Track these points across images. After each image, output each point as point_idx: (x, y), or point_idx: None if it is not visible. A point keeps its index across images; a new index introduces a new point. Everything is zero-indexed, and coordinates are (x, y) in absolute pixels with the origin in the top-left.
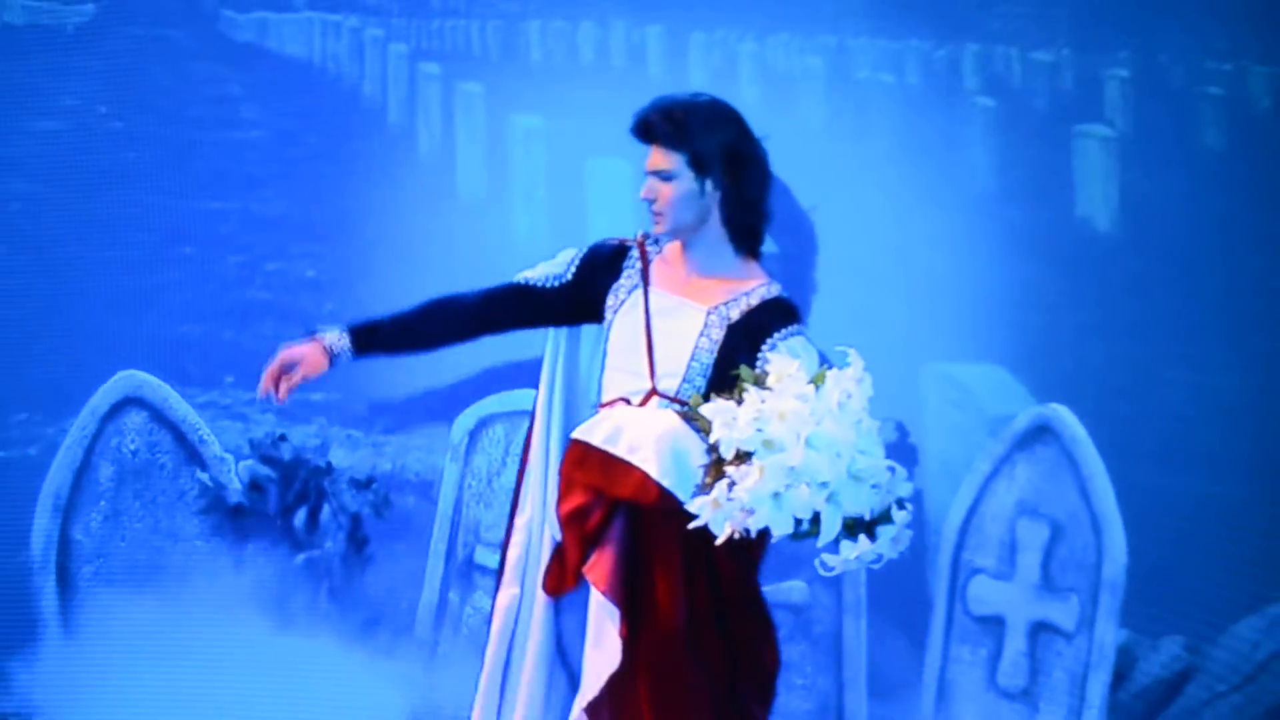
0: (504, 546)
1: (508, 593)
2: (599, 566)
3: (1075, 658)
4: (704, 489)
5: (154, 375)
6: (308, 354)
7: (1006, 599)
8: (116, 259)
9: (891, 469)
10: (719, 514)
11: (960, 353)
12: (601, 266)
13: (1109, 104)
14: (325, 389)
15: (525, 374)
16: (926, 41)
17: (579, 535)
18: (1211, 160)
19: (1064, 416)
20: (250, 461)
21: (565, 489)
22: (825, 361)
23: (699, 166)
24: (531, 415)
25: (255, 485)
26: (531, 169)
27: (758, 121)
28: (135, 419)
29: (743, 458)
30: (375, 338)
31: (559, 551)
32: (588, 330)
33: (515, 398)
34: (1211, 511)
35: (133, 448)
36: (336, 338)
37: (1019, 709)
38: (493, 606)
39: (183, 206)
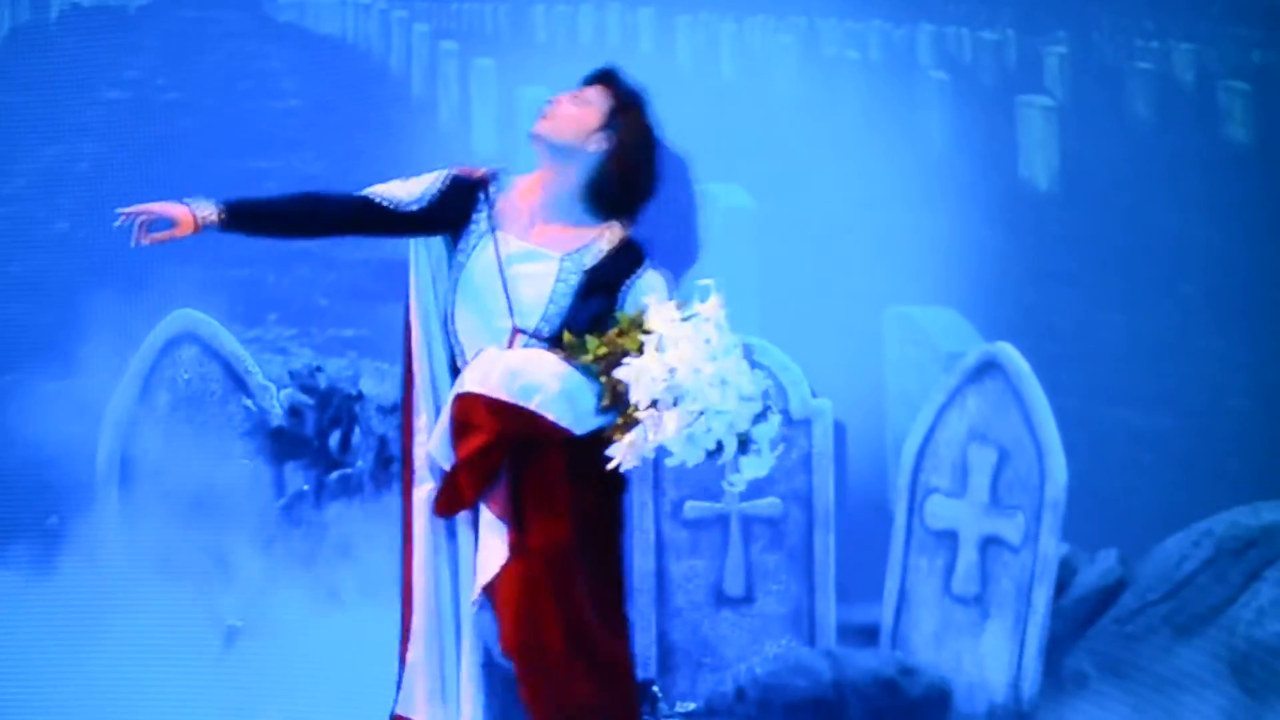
0: (404, 449)
1: (424, 488)
2: (498, 497)
3: (1021, 569)
4: (617, 432)
5: (205, 314)
6: (179, 217)
7: (959, 515)
8: None
9: (766, 392)
10: (637, 454)
11: (917, 296)
12: (457, 200)
13: (1049, 77)
14: (356, 326)
15: None
16: (887, 22)
17: (479, 472)
18: (1141, 126)
19: (1009, 354)
20: (290, 390)
21: (460, 431)
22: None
23: (607, 121)
24: (406, 322)
25: (294, 411)
26: None
27: (738, 92)
28: (188, 352)
29: (651, 404)
30: (242, 219)
31: (450, 478)
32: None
33: None
34: (1143, 440)
35: (186, 378)
36: (209, 210)
37: (971, 614)
38: (407, 505)
39: (231, 166)
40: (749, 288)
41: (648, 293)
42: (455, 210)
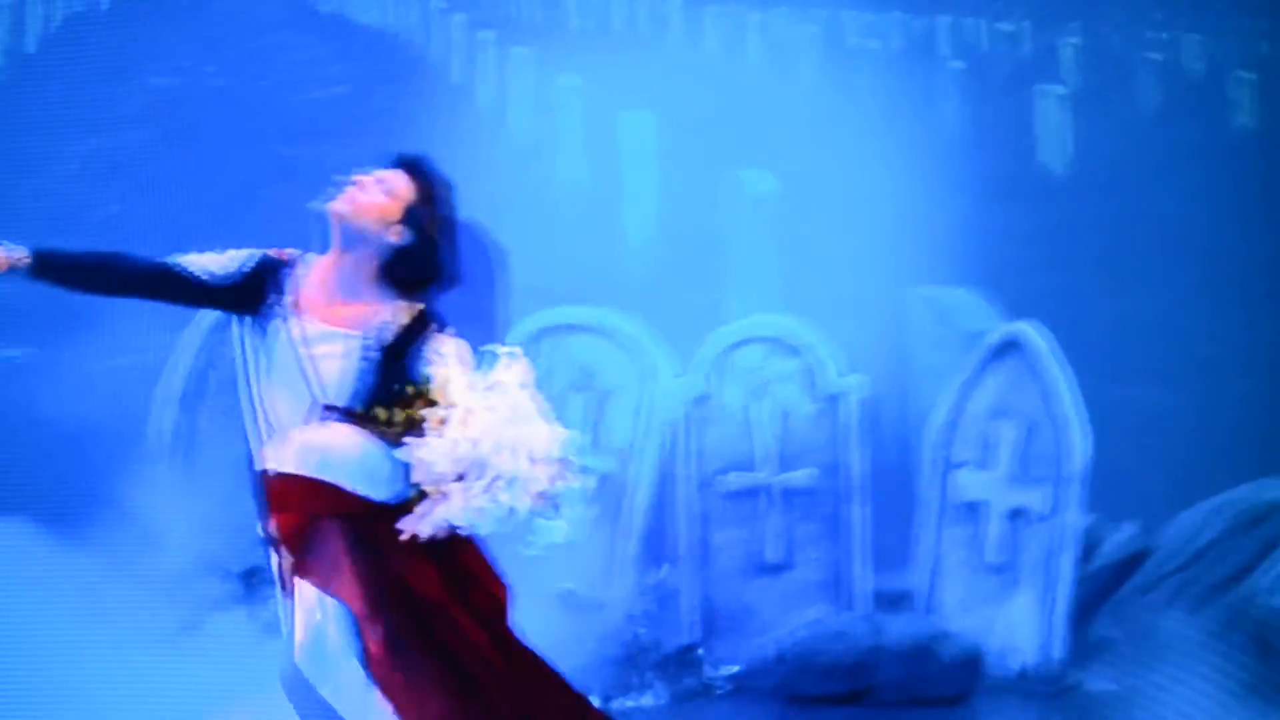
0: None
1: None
2: (339, 578)
3: (1048, 538)
4: (411, 506)
5: None
6: None
7: (987, 487)
8: (220, 194)
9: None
10: (428, 524)
11: (940, 278)
12: (262, 280)
13: (1063, 67)
14: None
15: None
16: (907, 14)
17: (296, 548)
18: (1151, 115)
19: (1030, 333)
20: None
21: (275, 509)
22: (477, 353)
23: (409, 214)
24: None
25: None
26: (570, 120)
27: (764, 80)
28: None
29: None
30: (49, 269)
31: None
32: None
33: (562, 313)
34: (1162, 416)
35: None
36: (20, 254)
37: (1001, 581)
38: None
39: (277, 151)
40: (778, 270)
41: (438, 356)
42: (259, 290)
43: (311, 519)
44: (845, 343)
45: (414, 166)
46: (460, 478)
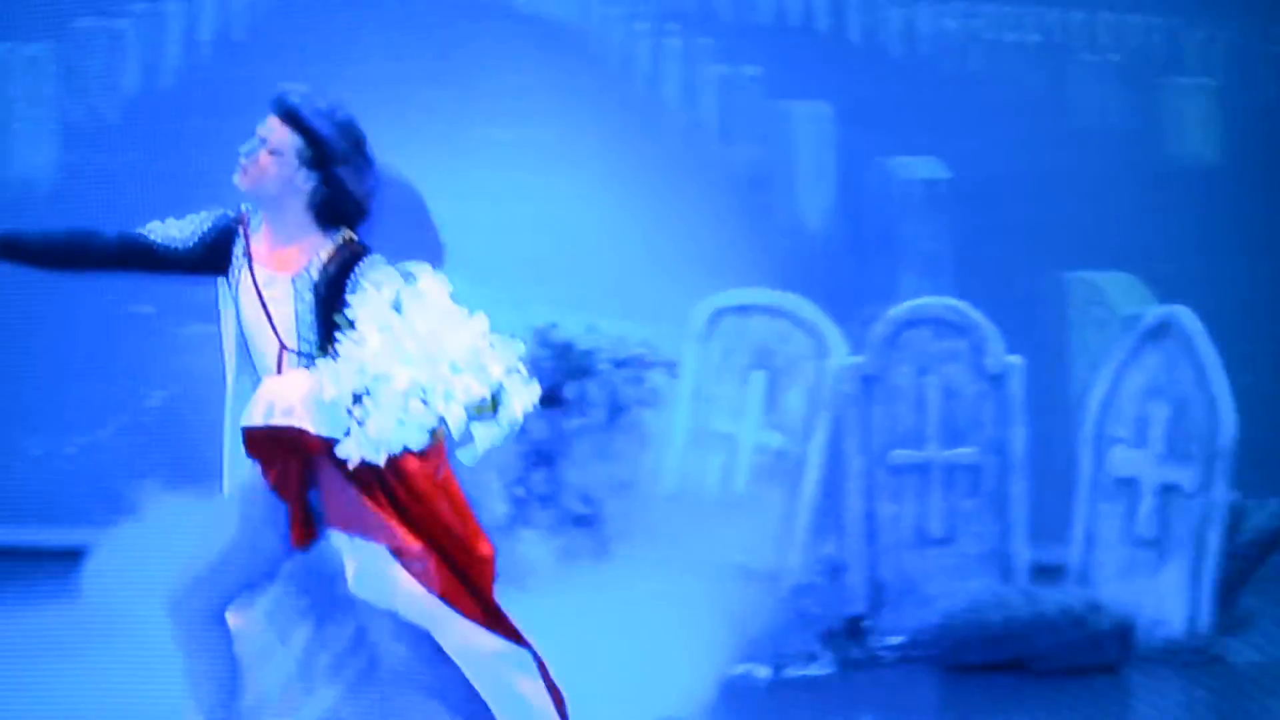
0: None
1: None
2: (349, 518)
3: (1196, 513)
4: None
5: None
6: None
7: (1139, 464)
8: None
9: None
10: (363, 449)
11: (1098, 262)
12: (222, 239)
13: (1205, 59)
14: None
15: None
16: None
17: (291, 496)
18: None
19: (1184, 315)
20: (528, 344)
21: (260, 463)
22: (407, 275)
23: (303, 160)
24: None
25: (534, 365)
26: (750, 108)
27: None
28: None
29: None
30: (17, 251)
31: (290, 516)
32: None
33: (742, 294)
34: None
35: None
36: None
37: (1150, 556)
38: None
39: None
40: (946, 254)
41: (368, 283)
42: (223, 250)
43: (298, 465)
44: (1008, 324)
45: (289, 115)
46: (357, 399)
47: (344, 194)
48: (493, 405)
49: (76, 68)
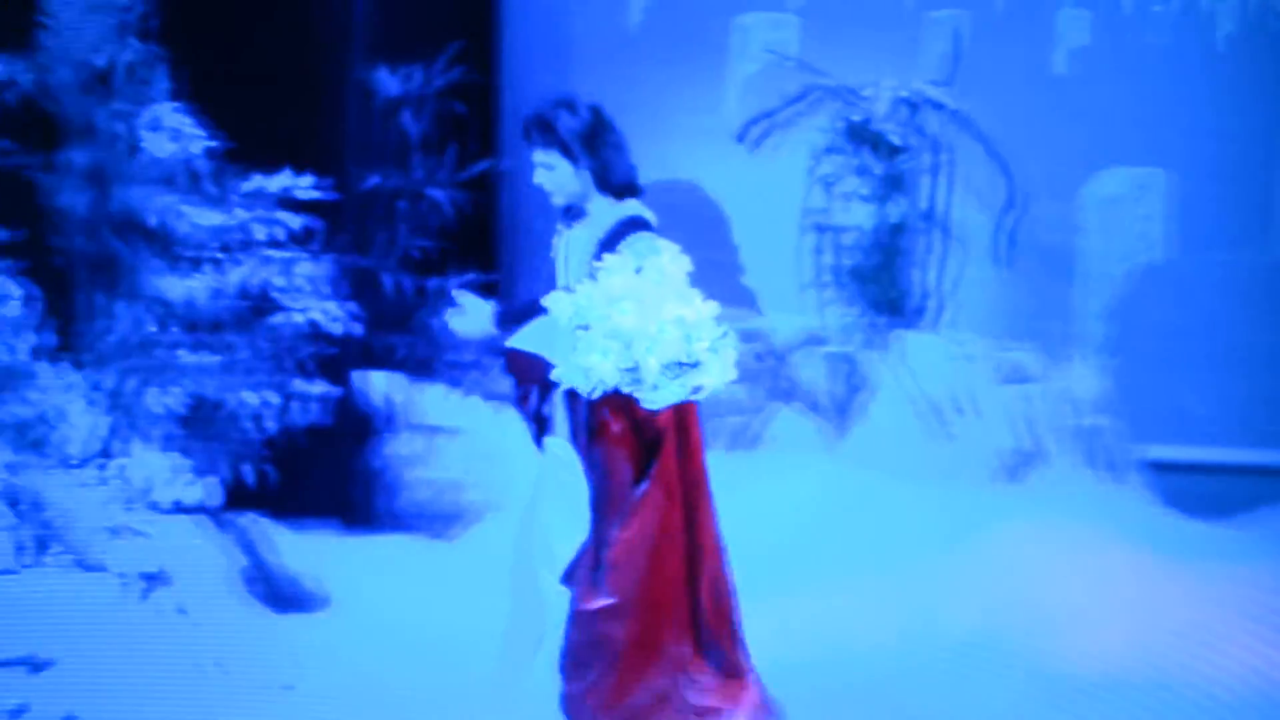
0: None
1: None
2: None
3: None
4: None
5: None
6: None
7: None
8: None
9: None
10: (573, 376)
11: None
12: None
13: None
14: None
15: None
16: None
17: (527, 412)
18: None
19: None
20: None
21: (516, 382)
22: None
23: (575, 165)
24: None
25: None
26: None
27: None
28: None
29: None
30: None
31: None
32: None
33: None
34: None
35: None
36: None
37: None
38: None
39: None
40: None
41: (625, 248)
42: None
43: (537, 387)
44: None
45: (542, 136)
46: (585, 327)
47: (612, 170)
48: (685, 370)
49: None
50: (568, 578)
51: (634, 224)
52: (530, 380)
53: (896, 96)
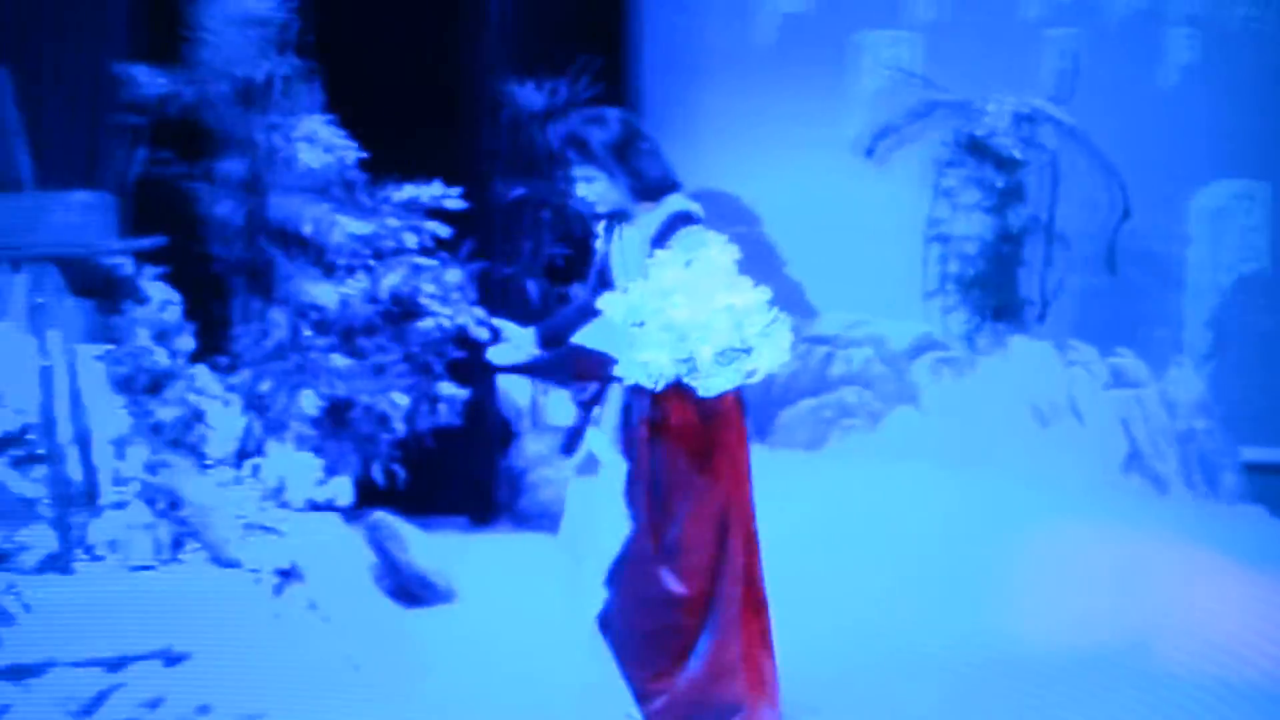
0: None
1: None
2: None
3: None
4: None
5: None
6: None
7: None
8: None
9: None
10: (633, 371)
11: None
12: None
13: None
14: None
15: None
16: None
17: (583, 404)
18: None
19: None
20: None
21: (577, 377)
22: (707, 242)
23: (612, 176)
24: None
25: None
26: None
27: None
28: None
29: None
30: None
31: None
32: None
33: None
34: None
35: None
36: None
37: None
38: None
39: None
40: None
41: (674, 243)
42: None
43: (597, 381)
44: None
45: (581, 154)
46: (640, 324)
47: (646, 177)
48: (738, 357)
49: None
50: (612, 578)
51: (681, 219)
52: (596, 378)
53: (1016, 112)
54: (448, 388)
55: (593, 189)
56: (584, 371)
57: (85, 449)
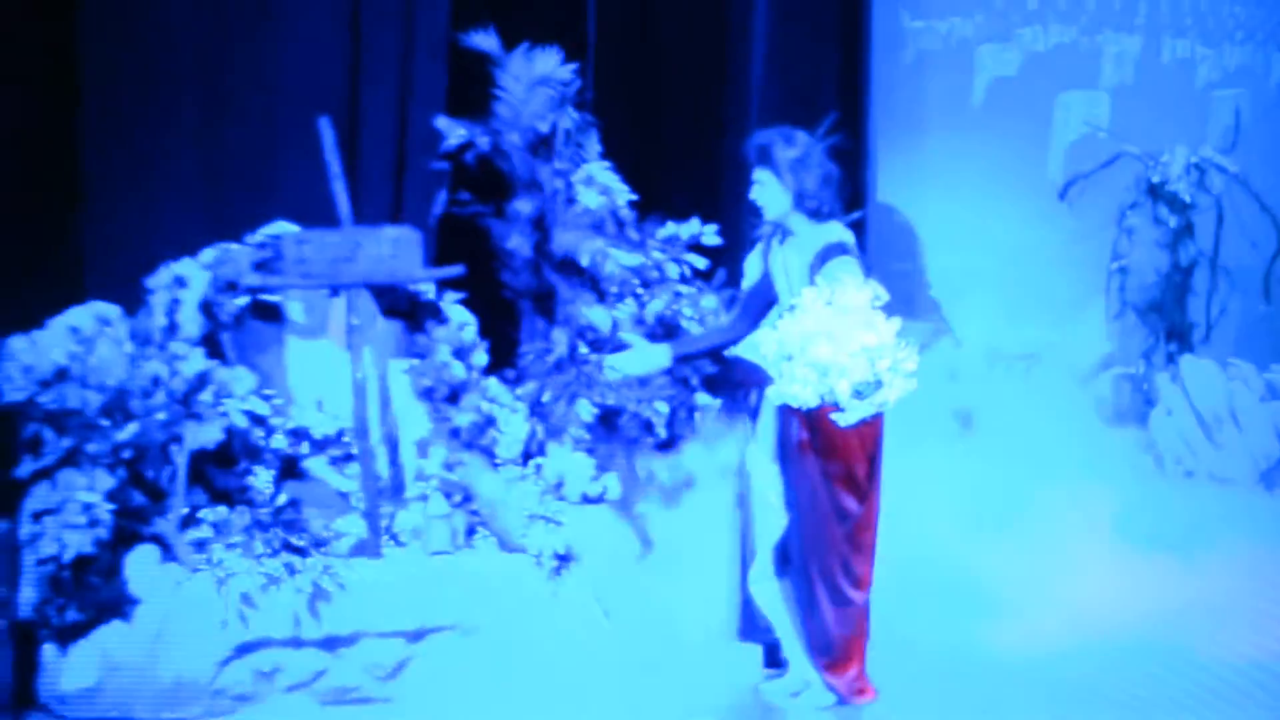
0: None
1: None
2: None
3: None
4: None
5: None
6: None
7: None
8: None
9: (878, 347)
10: (782, 396)
11: None
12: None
13: None
14: None
15: None
16: None
17: (746, 411)
18: None
19: None
20: None
21: (739, 387)
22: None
23: (782, 181)
24: None
25: None
26: None
27: None
28: None
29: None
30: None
31: None
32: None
33: None
34: None
35: None
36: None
37: None
38: None
39: None
40: None
41: (821, 278)
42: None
43: (754, 393)
44: None
45: (762, 159)
46: (789, 359)
47: (810, 194)
48: (872, 389)
49: None
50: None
51: (836, 249)
52: (753, 384)
53: (1188, 161)
54: (703, 398)
55: (763, 192)
56: (746, 377)
57: (393, 450)
